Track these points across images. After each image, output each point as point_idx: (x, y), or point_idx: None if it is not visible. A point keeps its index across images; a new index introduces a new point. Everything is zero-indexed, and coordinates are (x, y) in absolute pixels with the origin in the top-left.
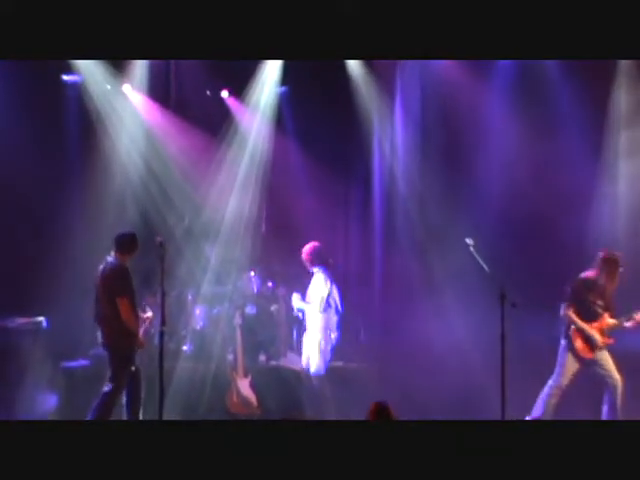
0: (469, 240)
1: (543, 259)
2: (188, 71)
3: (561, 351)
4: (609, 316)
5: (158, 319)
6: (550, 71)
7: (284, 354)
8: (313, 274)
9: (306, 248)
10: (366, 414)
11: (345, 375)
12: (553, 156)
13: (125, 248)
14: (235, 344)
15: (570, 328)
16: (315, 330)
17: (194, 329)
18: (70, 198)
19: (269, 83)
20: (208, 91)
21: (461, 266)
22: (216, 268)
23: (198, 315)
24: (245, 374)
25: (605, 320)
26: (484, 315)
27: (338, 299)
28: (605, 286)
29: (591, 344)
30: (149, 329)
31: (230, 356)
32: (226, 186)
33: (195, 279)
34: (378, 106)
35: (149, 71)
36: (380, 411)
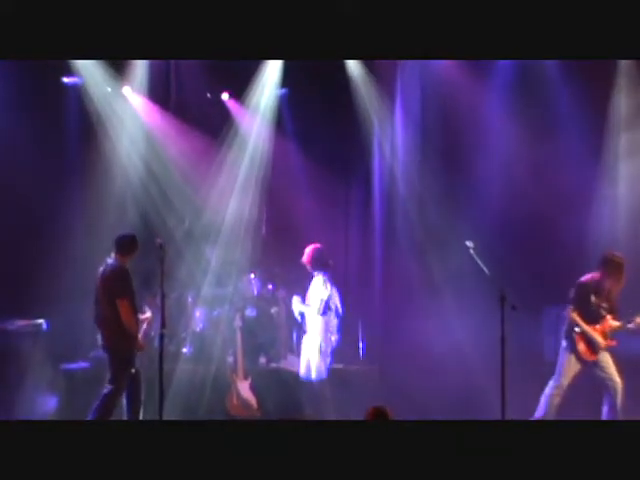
0: (469, 243)
1: (543, 259)
2: (188, 73)
3: (561, 352)
4: (612, 318)
5: (158, 321)
6: (550, 71)
7: (284, 356)
8: (314, 276)
9: (307, 250)
10: (364, 417)
11: (345, 377)
12: (553, 156)
13: (125, 250)
14: (235, 346)
15: (573, 330)
16: (315, 333)
17: (194, 331)
18: (70, 199)
19: (269, 85)
20: (208, 93)
21: (461, 267)
22: (216, 270)
23: (198, 317)
24: (245, 376)
25: (608, 322)
26: (484, 316)
27: (338, 302)
28: (609, 289)
29: (593, 346)
30: (148, 330)
31: (230, 358)
32: (226, 188)
33: (195, 281)
34: (378, 107)
35: (149, 73)
36: (378, 415)
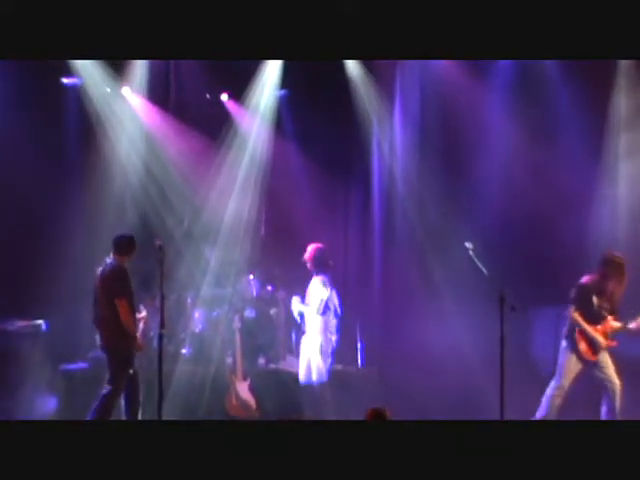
0: (468, 244)
1: (543, 259)
2: (188, 74)
3: (562, 352)
4: (613, 319)
5: (157, 322)
6: (550, 71)
7: (283, 357)
8: (314, 275)
9: (309, 249)
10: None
11: (345, 378)
12: (553, 156)
13: (123, 250)
14: (234, 347)
15: (574, 330)
16: (315, 333)
17: (193, 332)
18: (70, 200)
19: (268, 85)
20: (208, 94)
21: (461, 267)
22: (215, 271)
23: (197, 318)
24: (244, 377)
25: (609, 323)
26: (483, 317)
27: (337, 302)
28: (610, 289)
29: (594, 346)
30: (146, 330)
31: (229, 359)
32: (225, 188)
33: (194, 282)
34: (377, 107)
35: (148, 73)
36: (377, 417)
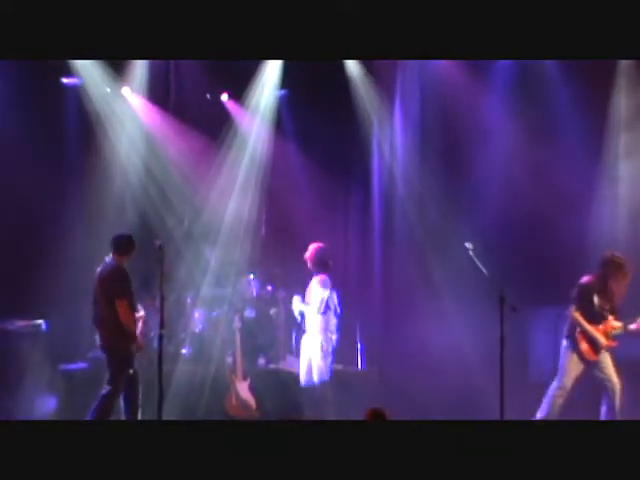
0: (468, 244)
1: (543, 259)
2: (188, 74)
3: (563, 352)
4: (614, 319)
5: (157, 322)
6: (550, 71)
7: (283, 357)
8: (314, 275)
9: (310, 249)
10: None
11: (345, 378)
12: (553, 156)
13: (122, 249)
14: (234, 347)
15: (575, 330)
16: (315, 332)
17: (193, 332)
18: (70, 200)
19: (269, 86)
20: (208, 94)
21: (461, 268)
22: (215, 271)
23: (197, 318)
24: (244, 377)
25: (610, 323)
26: (483, 317)
27: (337, 301)
28: (611, 289)
29: (595, 346)
30: (146, 331)
31: (229, 359)
32: (226, 189)
33: (194, 282)
34: (377, 107)
35: (149, 73)
36: (376, 417)
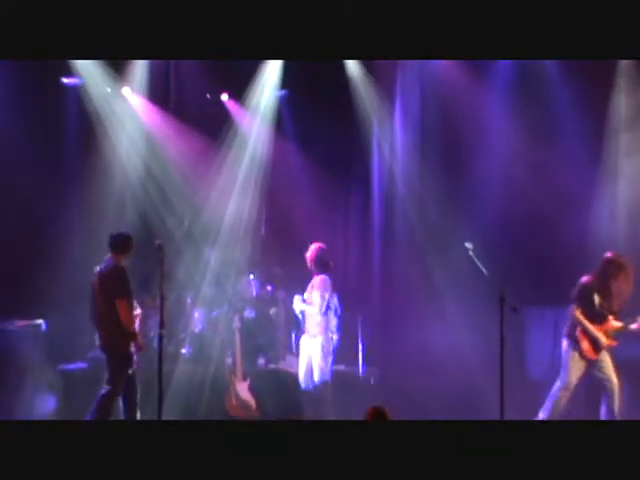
0: (469, 244)
1: (543, 259)
2: (188, 74)
3: (564, 352)
4: (614, 319)
5: (157, 321)
6: (550, 71)
7: (283, 357)
8: (314, 275)
9: (311, 249)
10: (363, 417)
11: (345, 378)
12: (553, 156)
13: (120, 248)
14: (234, 347)
15: (576, 329)
16: (316, 332)
17: (193, 332)
18: (70, 200)
19: (269, 86)
20: (208, 94)
21: (461, 268)
22: (215, 271)
23: (197, 318)
24: (244, 377)
25: (611, 323)
26: (483, 317)
27: (337, 302)
28: (612, 289)
29: (596, 345)
30: (146, 330)
31: (229, 359)
32: (226, 189)
33: (194, 282)
34: (377, 107)
35: (149, 73)
36: (377, 415)
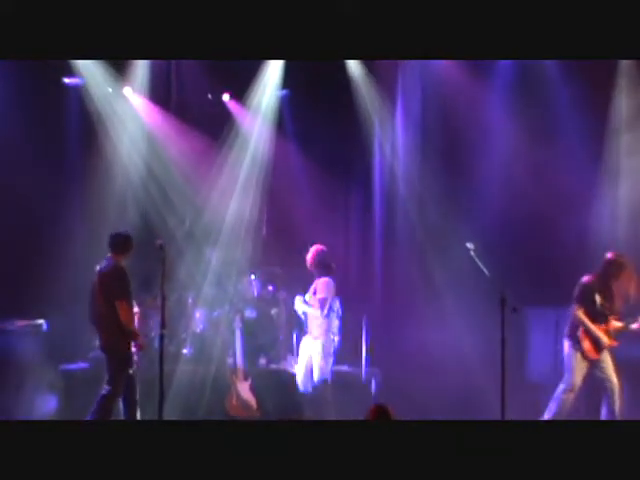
0: (470, 244)
1: (543, 259)
2: (189, 74)
3: (567, 354)
4: (615, 319)
5: (158, 321)
6: (550, 71)
7: (284, 357)
8: (316, 277)
9: (310, 252)
10: (365, 415)
11: (345, 379)
12: (553, 156)
13: (119, 248)
14: (235, 347)
15: (578, 329)
16: (317, 334)
17: (194, 332)
18: (70, 200)
19: (270, 86)
20: (209, 94)
21: (461, 268)
22: (217, 271)
23: (198, 318)
24: (245, 377)
25: (612, 323)
26: (484, 317)
27: (338, 303)
28: (613, 289)
29: (598, 345)
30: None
31: (230, 359)
32: (227, 189)
33: (195, 282)
34: (378, 107)
35: (150, 73)
36: (379, 413)
